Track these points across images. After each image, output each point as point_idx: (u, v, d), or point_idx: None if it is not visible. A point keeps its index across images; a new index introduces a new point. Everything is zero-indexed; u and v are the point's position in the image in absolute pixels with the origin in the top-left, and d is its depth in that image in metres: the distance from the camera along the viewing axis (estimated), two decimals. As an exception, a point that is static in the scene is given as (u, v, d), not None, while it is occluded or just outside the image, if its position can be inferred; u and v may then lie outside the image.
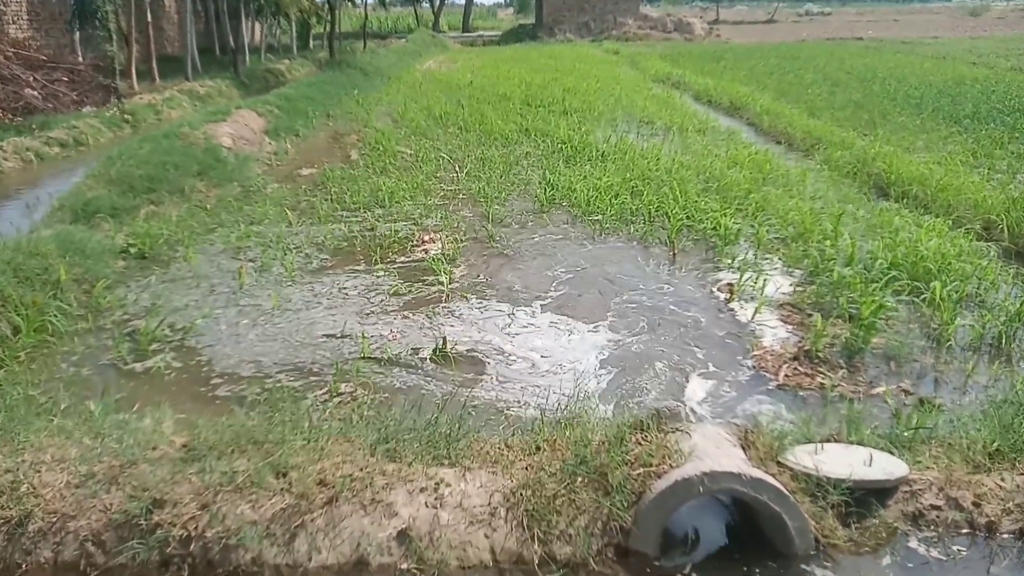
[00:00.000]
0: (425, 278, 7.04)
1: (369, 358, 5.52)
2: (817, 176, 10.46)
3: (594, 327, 6.08)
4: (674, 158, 11.34)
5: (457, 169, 11.26)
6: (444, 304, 6.48)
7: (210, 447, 3.74)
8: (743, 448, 3.94)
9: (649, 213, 8.83)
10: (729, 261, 7.50)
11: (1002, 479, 3.76)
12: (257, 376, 5.23)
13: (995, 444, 3.95)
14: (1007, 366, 5.45)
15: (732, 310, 6.50)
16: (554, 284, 6.97)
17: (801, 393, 5.13)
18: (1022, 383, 4.77)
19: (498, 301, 6.55)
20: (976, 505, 3.67)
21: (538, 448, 3.98)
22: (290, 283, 6.92)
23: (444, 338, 5.70)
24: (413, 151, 12.39)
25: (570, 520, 3.53)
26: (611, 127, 14.36)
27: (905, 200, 9.11)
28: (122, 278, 6.91)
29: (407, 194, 9.70)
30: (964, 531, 3.65)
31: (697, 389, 5.17)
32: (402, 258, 7.61)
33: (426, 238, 8.13)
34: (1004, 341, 5.73)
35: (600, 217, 8.86)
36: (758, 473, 3.51)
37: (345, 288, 6.84)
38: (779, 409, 4.85)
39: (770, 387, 5.23)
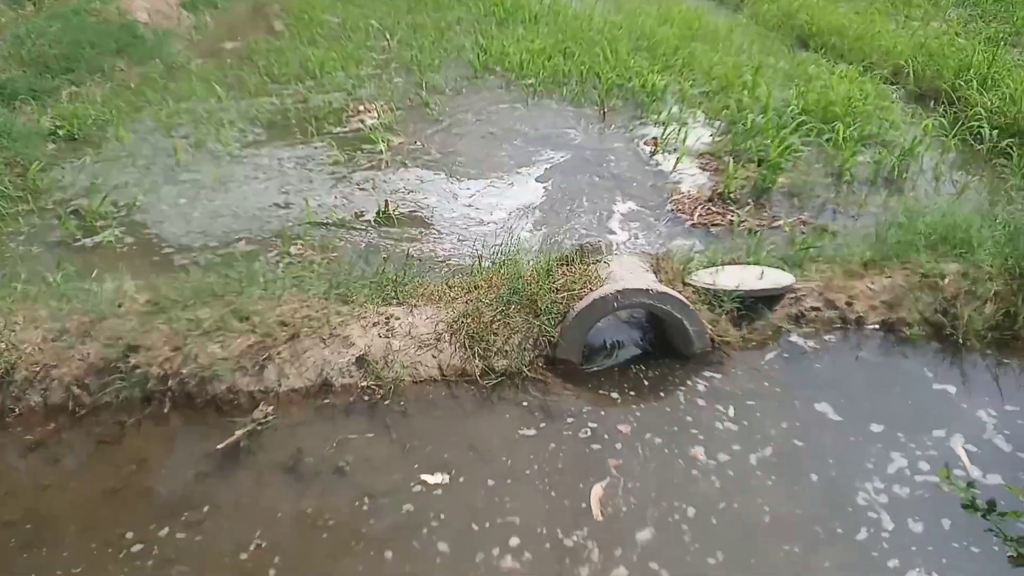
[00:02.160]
0: (364, 147, 7.20)
1: (315, 223, 5.80)
2: (744, 30, 10.67)
3: (528, 183, 6.46)
4: (607, 18, 11.32)
5: (388, 37, 11.03)
6: (384, 171, 6.71)
7: (173, 301, 4.07)
8: (655, 272, 4.48)
9: (581, 74, 8.99)
10: (655, 117, 7.84)
11: (872, 283, 4.42)
12: (208, 246, 5.48)
13: (868, 255, 4.58)
14: (897, 194, 6.09)
15: (656, 162, 6.94)
16: (490, 146, 7.23)
17: (713, 229, 5.69)
18: (903, 207, 5.38)
19: (436, 165, 6.82)
20: (848, 304, 4.34)
21: (476, 286, 4.44)
22: (228, 158, 7.00)
23: (386, 201, 6.00)
24: (341, 19, 11.99)
25: (505, 339, 4.06)
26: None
27: (824, 50, 9.47)
28: (55, 160, 6.87)
29: (338, 64, 9.56)
30: (837, 326, 4.34)
31: (621, 231, 5.68)
32: (338, 129, 7.70)
33: (361, 108, 8.18)
34: (897, 173, 6.35)
35: (533, 80, 8.99)
36: (663, 288, 4.06)
37: (284, 160, 6.97)
38: (693, 243, 5.39)
39: (686, 226, 5.77)
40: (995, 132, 6.67)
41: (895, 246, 4.58)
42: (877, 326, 4.30)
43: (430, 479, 3.38)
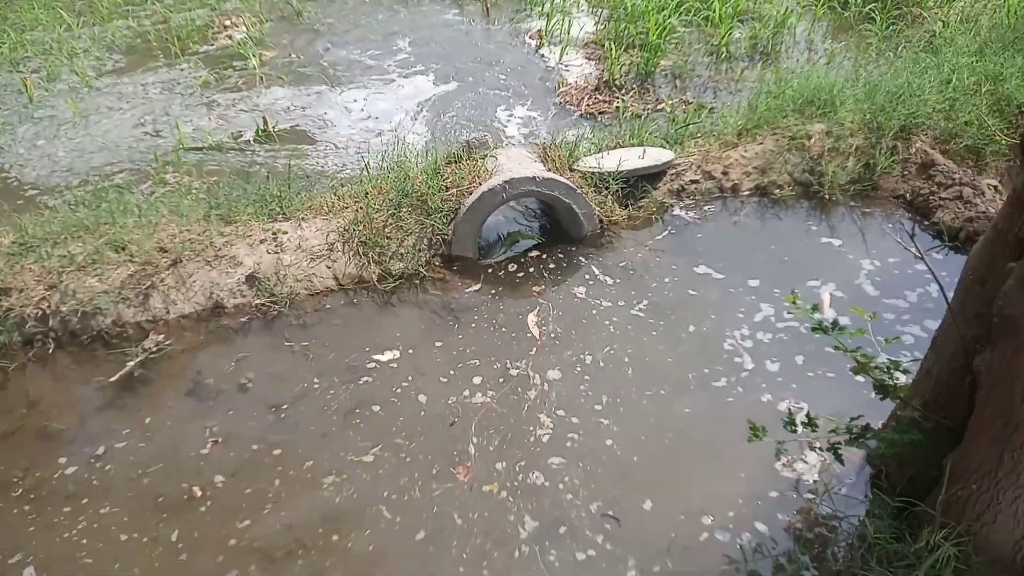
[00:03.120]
0: (235, 64, 6.78)
1: (190, 148, 5.50)
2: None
3: (413, 87, 6.29)
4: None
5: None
6: (259, 87, 6.37)
7: (42, 239, 3.84)
8: (543, 162, 4.53)
9: (460, -30, 8.64)
10: (539, 9, 7.69)
11: (745, 151, 4.62)
12: (75, 184, 5.13)
13: (741, 125, 4.77)
14: (773, 66, 6.28)
15: (543, 55, 6.86)
16: (372, 52, 6.95)
17: (600, 117, 5.76)
18: (775, 77, 5.58)
19: (315, 77, 6.52)
20: (724, 174, 4.54)
21: (366, 194, 4.37)
22: (87, 89, 6.46)
23: (264, 118, 5.73)
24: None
25: (400, 242, 4.07)
26: None
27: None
28: None
29: (198, -22, 8.82)
30: (716, 195, 4.55)
31: (511, 125, 5.66)
32: (205, 48, 7.20)
33: (227, 23, 7.64)
34: (771, 46, 6.53)
35: (412, -20, 8.58)
36: (550, 175, 4.12)
37: (148, 86, 6.49)
38: (582, 132, 5.44)
39: (575, 117, 5.80)
40: (860, -1, 6.92)
41: (765, 114, 4.77)
42: (751, 191, 4.53)
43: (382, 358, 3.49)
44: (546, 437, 3.14)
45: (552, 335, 3.68)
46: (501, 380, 3.42)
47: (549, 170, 4.40)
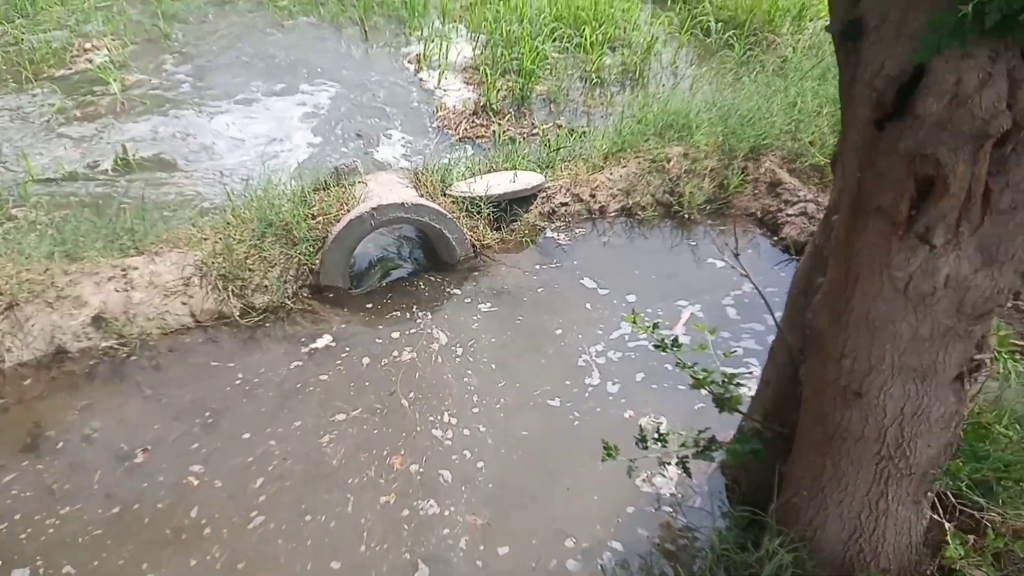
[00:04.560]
0: (95, 89, 6.40)
1: (40, 180, 5.13)
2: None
3: (287, 109, 6.14)
4: (364, -67, 10.77)
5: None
6: (120, 113, 6.03)
7: None
8: (415, 187, 4.51)
9: (339, -7, 8.55)
10: (418, 33, 7.71)
11: (611, 174, 4.78)
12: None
13: (607, 149, 4.94)
14: (642, 91, 6.55)
15: (421, 79, 6.87)
16: (244, 76, 6.74)
17: (478, 141, 5.81)
18: (641, 102, 5.82)
19: (182, 101, 6.25)
20: (592, 196, 4.67)
21: (228, 224, 4.21)
22: (-80, 118, 5.92)
23: (123, 146, 5.43)
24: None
25: (263, 274, 3.93)
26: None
27: (576, -42, 9.73)
28: None
29: (55, -1, 8.29)
30: (585, 217, 4.67)
31: (387, 150, 5.62)
32: (62, 72, 6.76)
33: (87, 46, 7.21)
34: (639, 72, 6.81)
35: (288, 1, 8.41)
36: (420, 200, 4.11)
37: (-6, 113, 6.02)
38: (458, 156, 5.47)
39: (452, 141, 5.83)
40: (720, 25, 7.34)
41: (629, 138, 4.96)
42: (617, 212, 4.69)
43: (244, 398, 3.26)
44: (413, 467, 3.09)
45: (423, 361, 3.64)
46: (377, 408, 3.35)
47: (421, 196, 4.39)
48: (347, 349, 3.73)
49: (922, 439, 1.94)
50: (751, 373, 3.35)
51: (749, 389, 2.82)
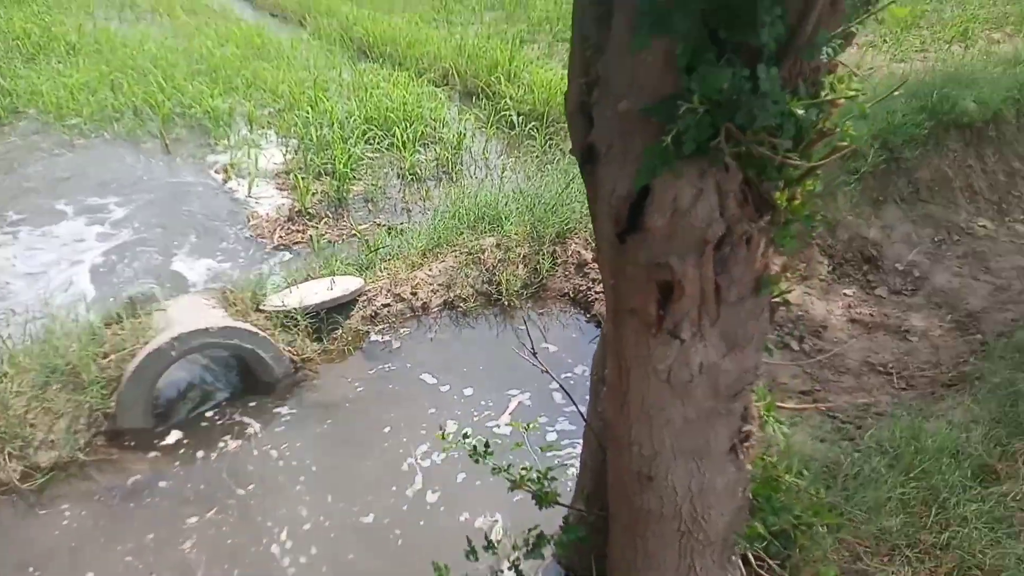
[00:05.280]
0: None
1: None
2: (308, 46, 10.85)
3: (77, 234, 5.69)
4: (162, 43, 10.52)
5: None
6: None
7: None
8: (224, 308, 4.30)
9: (135, 107, 8.20)
10: (225, 142, 7.54)
11: (430, 269, 4.86)
12: None
13: (425, 245, 5.03)
14: (456, 184, 6.79)
15: (231, 189, 6.68)
16: (27, 203, 6.18)
17: (295, 247, 5.69)
18: (453, 196, 6.02)
19: (-53, 236, 5.59)
20: (414, 294, 4.71)
21: (3, 375, 3.74)
22: None
23: None
24: None
25: (48, 428, 3.51)
26: (85, 14, 12.47)
27: (383, 59, 10.12)
28: None
29: None
30: (409, 316, 4.68)
31: (194, 269, 5.34)
32: None
33: None
34: (452, 166, 7.09)
35: (79, 119, 7.93)
36: (227, 322, 3.91)
37: None
38: (273, 266, 5.32)
39: (267, 250, 5.67)
40: (521, 118, 7.87)
41: (445, 233, 5.10)
42: (441, 307, 4.75)
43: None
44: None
45: (242, 495, 3.39)
46: (193, 552, 3.03)
47: (231, 315, 4.19)
48: (151, 498, 3.38)
49: (714, 510, 2.07)
50: (576, 456, 3.44)
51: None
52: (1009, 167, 6.92)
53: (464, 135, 7.30)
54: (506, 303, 4.79)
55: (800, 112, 1.48)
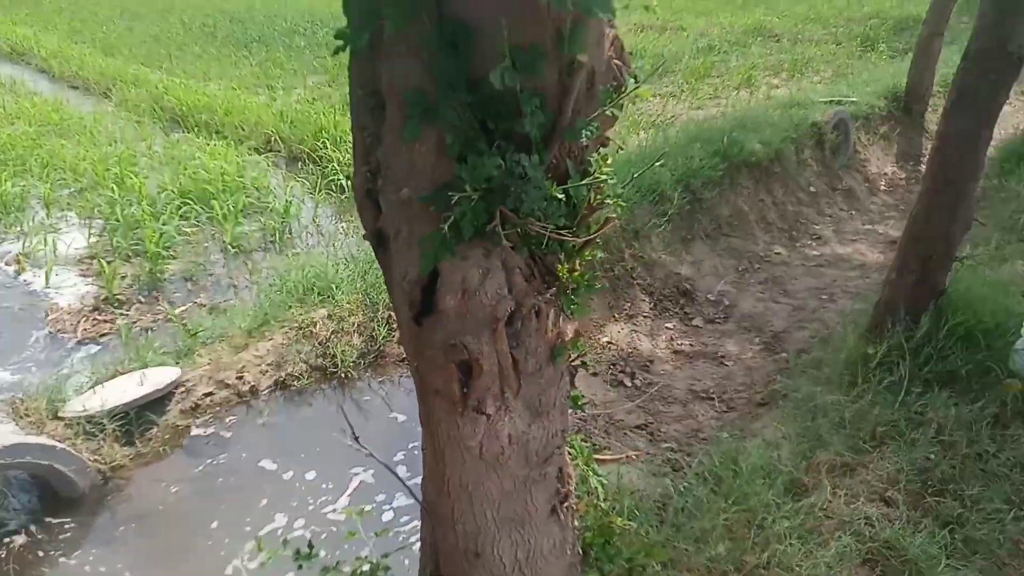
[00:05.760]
0: None
1: None
2: (114, 119, 10.15)
3: None
4: (-67, 122, 9.38)
5: None
6: None
7: None
8: (15, 421, 3.80)
9: None
10: (16, 229, 6.79)
11: (256, 350, 4.62)
12: None
13: (250, 324, 4.78)
14: (285, 255, 6.55)
15: (24, 281, 6.00)
16: None
17: (102, 339, 5.18)
18: (282, 269, 5.80)
19: None
20: (240, 378, 4.44)
21: None
22: None
23: None
24: None
25: None
26: None
27: (199, 129, 9.67)
28: None
29: None
30: (236, 402, 4.39)
31: (-21, 378, 4.69)
32: None
33: None
34: (279, 236, 6.85)
35: None
36: (15, 439, 3.46)
37: None
38: (76, 364, 4.80)
39: (70, 346, 5.11)
40: (350, 182, 7.77)
41: (272, 308, 4.88)
42: (271, 387, 4.52)
43: None
44: None
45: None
46: None
47: (24, 429, 3.71)
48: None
49: (545, 573, 2.10)
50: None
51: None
52: (795, 198, 7.85)
53: (291, 203, 7.09)
54: (343, 375, 4.64)
55: (560, 196, 1.57)
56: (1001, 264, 5.13)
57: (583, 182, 1.69)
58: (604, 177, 1.65)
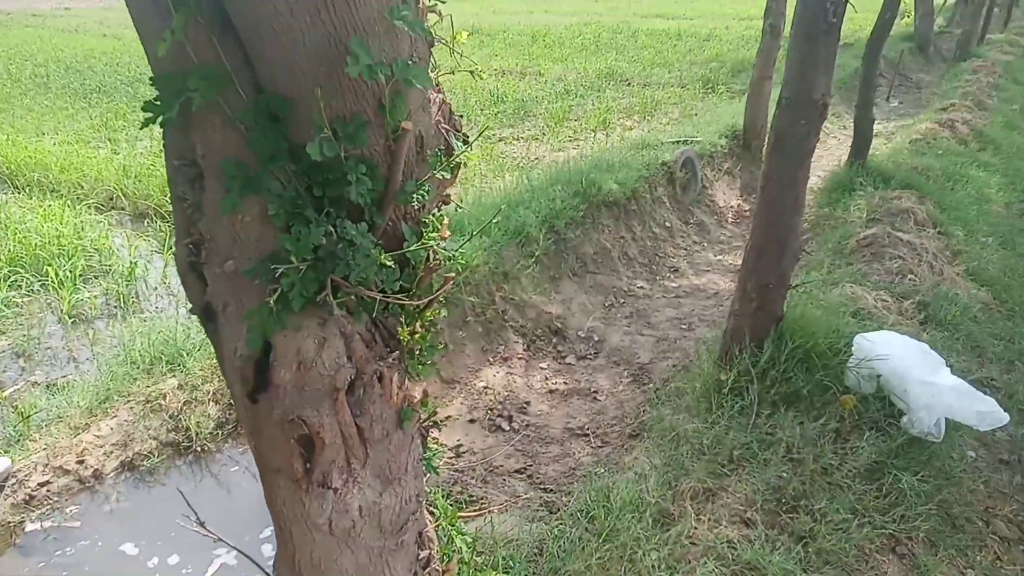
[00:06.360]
0: None
1: None
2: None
3: None
4: None
5: None
6: None
7: None
8: None
9: None
10: None
11: (98, 430, 4.21)
12: None
13: (90, 402, 4.36)
14: (134, 320, 6.06)
15: None
16: None
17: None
18: (126, 337, 5.36)
19: None
20: (81, 462, 4.02)
21: None
22: None
23: None
24: None
25: None
26: None
27: (30, 189, 8.87)
28: None
29: None
30: (78, 490, 3.97)
31: None
32: None
33: None
34: (125, 300, 6.35)
35: None
36: None
37: None
38: None
39: None
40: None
41: (115, 382, 4.49)
42: (118, 469, 4.13)
43: None
44: None
45: None
46: None
47: None
48: None
49: (413, 645, 2.02)
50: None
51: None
52: (652, 233, 8.30)
53: (136, 263, 6.62)
54: (199, 448, 4.32)
55: (389, 263, 1.56)
56: (832, 288, 5.64)
57: (418, 245, 1.69)
58: (436, 239, 1.66)
